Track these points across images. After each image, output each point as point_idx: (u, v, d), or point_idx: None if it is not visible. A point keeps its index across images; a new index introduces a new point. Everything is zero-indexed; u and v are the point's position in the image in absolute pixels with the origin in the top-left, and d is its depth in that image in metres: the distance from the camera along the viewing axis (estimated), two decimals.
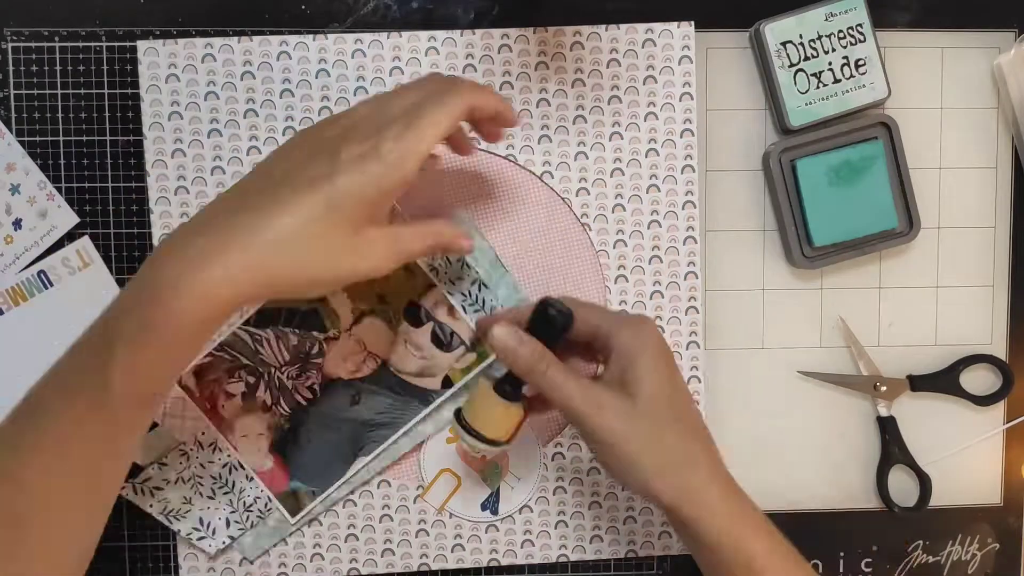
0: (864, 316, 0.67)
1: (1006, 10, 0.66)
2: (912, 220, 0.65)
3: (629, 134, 0.64)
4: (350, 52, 0.63)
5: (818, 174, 0.64)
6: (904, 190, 0.65)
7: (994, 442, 0.68)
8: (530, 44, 0.64)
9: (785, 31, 0.63)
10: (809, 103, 0.64)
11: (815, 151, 0.64)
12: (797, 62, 0.63)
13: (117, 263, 0.64)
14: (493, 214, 0.65)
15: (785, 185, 0.65)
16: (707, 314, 0.66)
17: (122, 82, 0.63)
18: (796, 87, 0.63)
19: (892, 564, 0.68)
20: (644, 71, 0.64)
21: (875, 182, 0.64)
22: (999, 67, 0.66)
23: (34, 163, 0.63)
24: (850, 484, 0.68)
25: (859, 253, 0.65)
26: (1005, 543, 0.69)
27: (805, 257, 0.65)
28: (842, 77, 0.64)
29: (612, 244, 0.65)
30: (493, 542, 0.66)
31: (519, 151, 0.64)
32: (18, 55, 0.62)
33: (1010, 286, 0.67)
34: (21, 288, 0.63)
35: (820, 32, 0.63)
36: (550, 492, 0.66)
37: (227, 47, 0.62)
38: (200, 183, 0.63)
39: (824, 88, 0.64)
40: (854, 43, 0.64)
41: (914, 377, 0.67)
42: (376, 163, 0.47)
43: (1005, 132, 0.67)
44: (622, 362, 0.53)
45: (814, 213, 0.64)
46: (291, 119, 0.63)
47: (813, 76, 0.64)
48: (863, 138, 0.64)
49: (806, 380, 0.67)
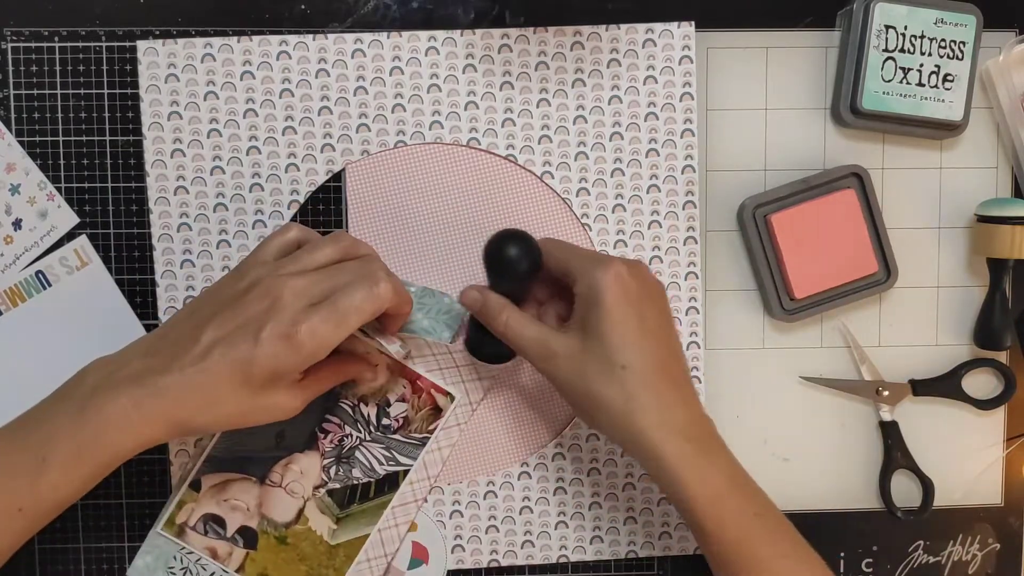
0: (865, 319, 0.67)
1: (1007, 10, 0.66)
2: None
3: (629, 134, 0.64)
4: (350, 52, 0.63)
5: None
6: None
7: (995, 443, 0.68)
8: (530, 44, 0.64)
9: (893, 16, 0.63)
10: (887, 92, 0.63)
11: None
12: (892, 49, 0.63)
13: (117, 263, 0.64)
14: (493, 214, 0.65)
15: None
16: (707, 317, 0.66)
17: (122, 82, 0.63)
18: (881, 72, 0.63)
19: (893, 564, 0.68)
20: (644, 71, 0.64)
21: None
22: (987, 71, 0.65)
23: (34, 163, 0.62)
24: (852, 487, 0.68)
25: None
26: (1006, 543, 0.68)
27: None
28: (927, 83, 0.63)
29: (612, 244, 0.65)
30: (493, 542, 0.66)
31: (519, 151, 0.64)
32: (18, 55, 0.62)
33: (1011, 288, 0.67)
34: (19, 288, 0.63)
35: (925, 32, 0.63)
36: (550, 492, 0.66)
37: (227, 47, 0.62)
38: (200, 183, 0.63)
39: (906, 86, 0.63)
40: (951, 57, 0.63)
41: (916, 381, 0.67)
42: (293, 350, 0.51)
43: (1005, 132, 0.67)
44: (584, 305, 0.54)
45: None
46: (291, 119, 0.63)
47: (900, 69, 0.63)
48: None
49: (808, 383, 0.67)
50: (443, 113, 0.64)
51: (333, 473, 0.63)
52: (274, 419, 0.54)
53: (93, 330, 0.63)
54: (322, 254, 0.54)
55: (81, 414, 0.51)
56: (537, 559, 0.66)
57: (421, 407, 0.63)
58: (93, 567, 0.64)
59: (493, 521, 0.65)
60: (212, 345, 0.51)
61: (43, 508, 0.52)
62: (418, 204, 0.64)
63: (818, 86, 0.66)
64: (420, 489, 0.63)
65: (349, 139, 0.64)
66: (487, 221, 0.65)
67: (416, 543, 0.65)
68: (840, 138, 0.66)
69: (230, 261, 0.63)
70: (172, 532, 0.62)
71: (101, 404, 0.51)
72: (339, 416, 0.63)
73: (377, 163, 0.64)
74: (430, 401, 0.63)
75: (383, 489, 0.63)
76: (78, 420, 0.51)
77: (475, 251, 0.65)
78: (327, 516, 0.63)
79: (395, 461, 0.63)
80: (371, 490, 0.63)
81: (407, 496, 0.63)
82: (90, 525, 0.64)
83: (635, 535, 0.66)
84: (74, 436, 0.51)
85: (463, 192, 0.64)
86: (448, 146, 0.64)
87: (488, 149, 0.64)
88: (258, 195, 0.63)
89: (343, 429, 0.63)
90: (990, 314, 0.66)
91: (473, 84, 0.64)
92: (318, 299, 0.52)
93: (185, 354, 0.51)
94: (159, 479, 0.64)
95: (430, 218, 0.64)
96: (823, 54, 0.66)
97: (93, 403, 0.51)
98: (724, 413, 0.67)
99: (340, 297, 0.52)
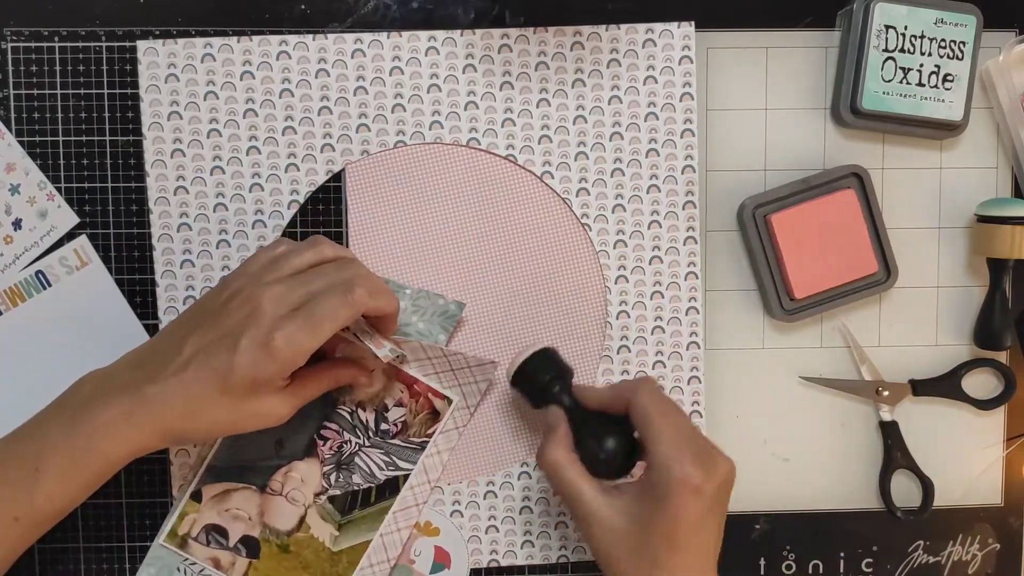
0: (864, 319, 0.67)
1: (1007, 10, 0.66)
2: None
3: (629, 134, 0.64)
4: (350, 52, 0.63)
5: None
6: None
7: (995, 443, 0.68)
8: (530, 44, 0.64)
9: (893, 16, 0.63)
10: (886, 92, 0.63)
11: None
12: (892, 49, 0.63)
13: (117, 263, 0.63)
14: (493, 214, 0.65)
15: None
16: (707, 317, 0.66)
17: (122, 82, 0.63)
18: (881, 72, 0.63)
19: (892, 564, 0.68)
20: (644, 71, 0.64)
21: None
22: (987, 71, 0.65)
23: (34, 163, 0.62)
24: (852, 487, 0.68)
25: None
26: (1006, 543, 0.68)
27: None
28: (926, 83, 0.63)
29: (612, 244, 0.65)
30: (493, 542, 0.66)
31: (519, 151, 0.64)
32: (18, 55, 0.62)
33: (1011, 288, 0.67)
34: (19, 288, 0.63)
35: (925, 32, 0.63)
36: (550, 492, 0.66)
37: (227, 47, 0.62)
38: (200, 183, 0.63)
39: (906, 85, 0.63)
40: (951, 57, 0.63)
41: (916, 381, 0.67)
42: (270, 358, 0.52)
43: (1005, 132, 0.67)
44: (650, 492, 0.52)
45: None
46: (291, 119, 0.63)
47: (900, 69, 0.63)
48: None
49: (808, 383, 0.67)
50: (443, 113, 0.64)
51: (333, 480, 0.63)
52: (264, 425, 0.55)
53: (93, 330, 0.63)
54: (301, 259, 0.55)
55: (73, 424, 0.52)
56: (537, 559, 0.66)
57: (419, 411, 0.63)
58: (93, 567, 0.65)
59: (493, 521, 0.65)
60: (193, 355, 0.53)
61: (39, 517, 0.53)
62: (418, 204, 0.64)
63: (818, 86, 0.66)
64: (421, 493, 0.63)
65: (349, 139, 0.64)
66: (487, 221, 0.65)
67: (438, 547, 0.65)
68: (840, 138, 0.66)
69: (230, 261, 0.63)
70: (175, 543, 0.62)
71: (93, 414, 0.52)
72: (337, 422, 0.63)
73: (377, 163, 0.64)
74: (428, 405, 0.63)
75: (384, 494, 0.63)
76: (71, 430, 0.52)
77: (475, 251, 0.65)
78: (329, 523, 0.63)
79: (395, 466, 0.63)
80: (372, 495, 0.63)
81: (408, 500, 0.63)
82: (90, 525, 0.64)
83: None
84: (67, 446, 0.52)
85: (463, 192, 0.64)
86: (448, 146, 0.64)
87: (488, 149, 0.64)
88: (258, 195, 0.63)
89: (342, 435, 0.63)
90: (990, 314, 0.66)
91: (473, 84, 0.64)
92: (296, 304, 0.52)
93: (170, 364, 0.53)
94: (159, 479, 0.64)
95: (430, 218, 0.64)
96: (823, 54, 0.66)
97: (85, 413, 0.53)
98: (724, 413, 0.67)
99: (315, 304, 0.52)
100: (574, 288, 0.65)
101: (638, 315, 0.65)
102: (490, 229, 0.65)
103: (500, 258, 0.65)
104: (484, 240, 0.65)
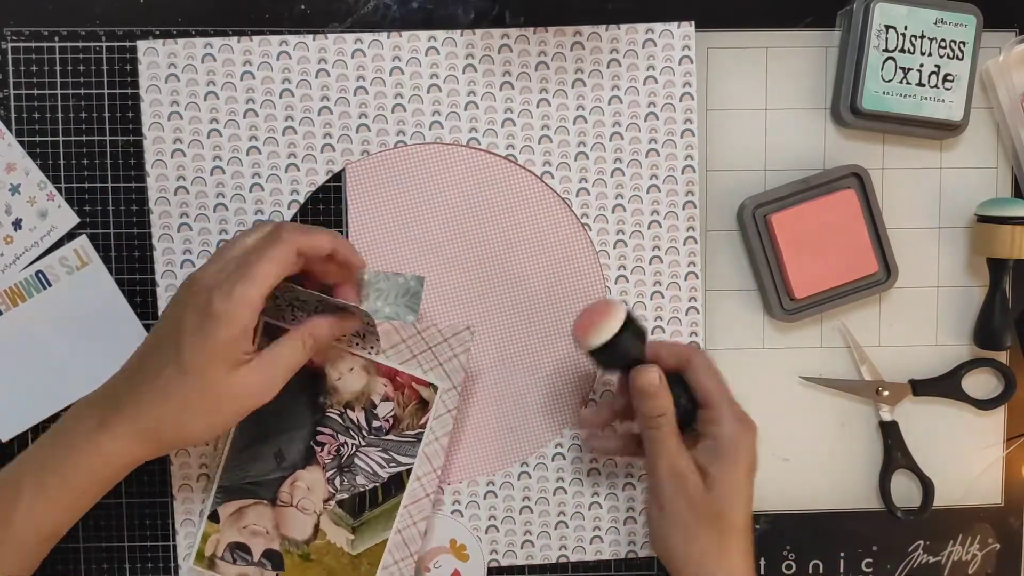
0: (864, 319, 0.67)
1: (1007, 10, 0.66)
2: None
3: (629, 134, 0.64)
4: (350, 52, 0.63)
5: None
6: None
7: (995, 443, 0.68)
8: (530, 44, 0.64)
9: (893, 16, 0.63)
10: (887, 92, 0.63)
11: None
12: (892, 49, 0.63)
13: (117, 263, 0.64)
14: (493, 214, 0.65)
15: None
16: (707, 317, 0.66)
17: (122, 82, 0.63)
18: (881, 72, 0.63)
19: (893, 564, 0.68)
20: (644, 71, 0.64)
21: None
22: (987, 71, 0.65)
23: (34, 163, 0.63)
24: (852, 487, 0.68)
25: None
26: (1006, 543, 0.68)
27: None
28: (927, 83, 0.63)
29: (612, 244, 0.65)
30: (493, 542, 0.66)
31: (519, 151, 0.64)
32: (18, 55, 0.62)
33: (1011, 288, 0.67)
34: (19, 288, 0.63)
35: (925, 32, 0.63)
36: (550, 492, 0.66)
37: (227, 47, 0.62)
38: (200, 183, 0.63)
39: (906, 86, 0.63)
40: (951, 57, 0.63)
41: (916, 381, 0.67)
42: (213, 319, 0.51)
43: (1005, 132, 0.67)
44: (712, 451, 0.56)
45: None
46: (291, 119, 0.63)
47: (901, 69, 0.63)
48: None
49: (808, 383, 0.67)
50: (443, 113, 0.64)
51: (338, 484, 0.63)
52: (250, 404, 0.54)
53: (93, 330, 0.63)
54: (240, 243, 0.55)
55: (51, 439, 0.54)
56: (537, 559, 0.66)
57: (407, 403, 0.63)
58: (93, 567, 0.65)
59: (493, 521, 0.66)
60: (150, 351, 0.54)
61: (21, 536, 0.52)
62: (418, 204, 0.64)
63: (818, 86, 0.66)
64: (429, 483, 0.63)
65: (349, 139, 0.64)
66: (487, 221, 0.65)
67: (458, 572, 0.65)
68: (840, 138, 0.66)
69: None
70: (204, 565, 0.63)
71: (69, 427, 0.54)
72: (330, 426, 0.63)
73: (377, 163, 0.64)
74: (414, 396, 0.63)
75: (391, 491, 0.63)
76: (47, 445, 0.54)
77: (475, 251, 0.65)
78: (343, 527, 0.63)
79: (395, 462, 0.63)
80: (379, 494, 0.63)
81: (418, 493, 0.63)
82: (90, 525, 0.64)
83: (635, 535, 0.66)
84: (43, 460, 0.53)
85: (463, 192, 0.64)
86: (448, 146, 0.64)
87: (488, 149, 0.64)
88: (258, 195, 0.63)
89: (337, 439, 0.63)
90: (990, 314, 0.66)
91: (473, 84, 0.64)
92: (232, 270, 0.53)
93: (136, 369, 0.54)
94: (159, 479, 0.64)
95: (430, 218, 0.64)
96: (823, 54, 0.66)
97: (61, 427, 0.54)
98: None
99: (245, 256, 0.53)
100: (574, 288, 0.65)
101: (638, 315, 0.65)
102: (490, 229, 0.65)
103: (500, 258, 0.65)
104: (484, 240, 0.65)
